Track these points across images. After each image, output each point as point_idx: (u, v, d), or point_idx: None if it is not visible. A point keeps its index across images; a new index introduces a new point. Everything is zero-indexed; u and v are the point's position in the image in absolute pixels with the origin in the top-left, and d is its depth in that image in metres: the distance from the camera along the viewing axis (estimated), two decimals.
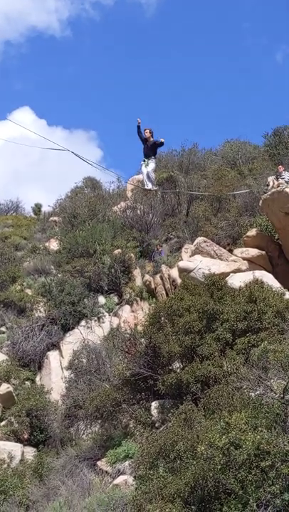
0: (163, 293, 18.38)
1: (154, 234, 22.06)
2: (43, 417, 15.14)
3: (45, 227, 28.11)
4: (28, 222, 31.03)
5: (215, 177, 24.23)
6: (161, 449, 9.39)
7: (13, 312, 19.71)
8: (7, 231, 28.86)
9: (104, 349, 16.04)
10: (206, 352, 11.49)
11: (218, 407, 9.71)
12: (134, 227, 21.87)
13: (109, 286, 19.44)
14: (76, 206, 24.37)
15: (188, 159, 27.74)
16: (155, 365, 12.49)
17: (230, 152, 28.06)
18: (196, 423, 9.85)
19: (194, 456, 8.54)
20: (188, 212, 22.86)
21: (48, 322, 18.25)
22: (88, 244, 20.42)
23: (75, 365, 16.31)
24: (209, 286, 13.00)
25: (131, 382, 12.87)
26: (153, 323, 12.85)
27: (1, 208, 35.25)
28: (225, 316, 11.87)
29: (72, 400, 15.14)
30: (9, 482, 12.76)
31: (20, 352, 17.57)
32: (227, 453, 7.97)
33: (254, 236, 17.57)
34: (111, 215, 23.17)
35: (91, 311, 18.48)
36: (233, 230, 19.72)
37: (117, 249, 20.12)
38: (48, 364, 17.37)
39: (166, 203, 23.63)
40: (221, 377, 10.90)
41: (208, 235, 19.22)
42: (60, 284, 19.08)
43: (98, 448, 12.95)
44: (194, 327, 11.94)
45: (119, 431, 12.84)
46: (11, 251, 24.53)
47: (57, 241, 23.69)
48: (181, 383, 11.40)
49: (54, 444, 14.72)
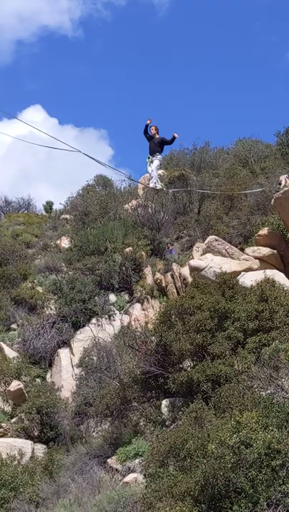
0: (174, 291, 18.35)
1: (165, 232, 22.03)
2: (53, 414, 15.14)
3: (57, 225, 28.13)
4: (40, 220, 31.04)
5: (227, 175, 24.17)
6: (171, 448, 9.38)
7: (24, 309, 19.74)
8: (18, 229, 28.88)
9: (114, 347, 16.03)
10: (217, 351, 11.48)
11: (229, 406, 9.69)
12: (146, 225, 21.84)
13: (120, 284, 19.43)
14: (87, 204, 24.37)
15: (200, 158, 27.70)
16: (166, 364, 12.48)
17: (242, 151, 27.99)
18: (206, 422, 9.83)
19: (205, 454, 8.53)
20: (200, 211, 22.82)
21: (59, 320, 18.26)
22: (99, 242, 20.41)
23: (85, 363, 16.31)
24: (220, 284, 12.97)
25: (141, 381, 12.88)
26: (164, 322, 12.84)
27: (12, 205, 35.27)
28: (236, 314, 11.85)
29: (83, 398, 15.14)
30: (19, 479, 12.80)
31: (31, 349, 17.60)
32: (238, 452, 7.96)
33: (266, 235, 17.51)
34: (122, 213, 23.15)
35: (102, 309, 18.47)
36: (245, 229, 19.67)
37: (128, 247, 20.10)
38: (58, 361, 17.38)
39: (177, 202, 23.59)
40: (232, 376, 10.88)
41: (219, 233, 19.18)
42: (71, 282, 19.07)
43: (108, 446, 12.95)
44: (205, 325, 11.93)
45: (129, 429, 12.83)
46: (23, 248, 24.56)
47: (68, 239, 23.69)
48: (192, 382, 11.39)
49: (64, 442, 14.73)
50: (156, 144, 20.69)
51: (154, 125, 22.07)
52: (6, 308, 19.87)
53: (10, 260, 22.92)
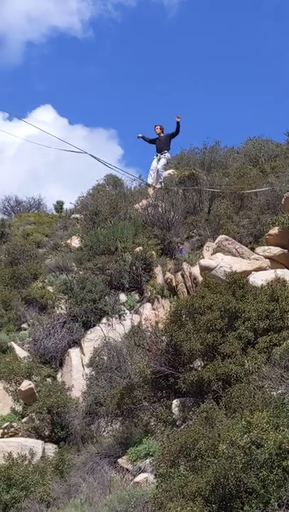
0: (184, 291, 18.33)
1: (175, 232, 22.00)
2: (64, 414, 15.15)
3: (67, 224, 28.16)
4: (50, 220, 31.10)
5: (237, 175, 24.12)
6: (182, 448, 9.39)
7: (35, 309, 19.79)
8: (29, 228, 28.96)
9: (125, 346, 16.02)
10: (228, 350, 11.47)
11: (240, 406, 9.69)
12: (156, 224, 21.82)
13: (130, 283, 19.42)
14: (98, 204, 24.36)
15: (210, 157, 27.61)
16: (176, 363, 12.48)
17: (252, 150, 27.87)
18: (217, 422, 9.83)
19: (215, 454, 8.53)
20: (210, 210, 22.77)
21: (69, 319, 18.28)
22: (110, 242, 20.42)
23: (96, 363, 16.31)
24: (231, 284, 12.96)
25: (152, 380, 12.88)
26: (174, 321, 12.84)
27: (23, 205, 35.37)
28: (247, 314, 11.84)
29: (93, 397, 15.14)
30: (30, 479, 12.82)
31: (42, 349, 17.62)
32: (248, 452, 7.97)
33: (276, 234, 17.45)
34: (132, 212, 23.14)
35: (112, 309, 18.48)
36: (255, 228, 19.61)
37: (139, 246, 20.10)
38: (69, 361, 17.40)
39: (187, 201, 23.56)
40: (243, 376, 10.87)
41: (229, 233, 19.14)
42: (81, 282, 19.08)
43: (119, 445, 12.96)
44: (216, 325, 11.92)
45: (139, 429, 12.84)
46: (33, 248, 24.63)
47: (78, 238, 23.71)
48: (203, 381, 11.38)
49: (75, 441, 14.74)
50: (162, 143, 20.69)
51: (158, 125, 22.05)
52: (17, 307, 19.93)
53: (21, 260, 22.99)
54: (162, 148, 21.74)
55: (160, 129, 21.88)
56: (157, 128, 21.96)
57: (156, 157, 21.49)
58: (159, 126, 22.40)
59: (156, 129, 21.89)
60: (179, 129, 21.46)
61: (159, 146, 22.10)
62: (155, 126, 22.36)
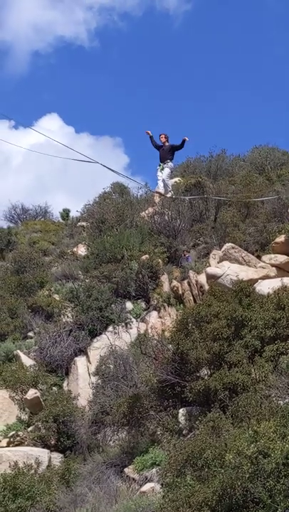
0: (190, 299, 18.30)
1: (181, 240, 21.99)
2: (70, 422, 15.10)
3: (73, 232, 28.15)
4: (56, 228, 31.12)
5: (243, 183, 24.12)
6: (188, 457, 9.34)
7: (41, 317, 19.76)
8: (35, 236, 28.98)
9: (131, 355, 16.00)
10: (234, 359, 11.43)
11: (247, 415, 9.64)
12: (162, 232, 21.81)
13: (136, 291, 19.40)
14: (104, 212, 24.37)
15: (216, 165, 27.64)
16: (183, 372, 12.44)
17: (258, 158, 27.93)
18: (224, 431, 9.79)
19: (222, 464, 8.48)
20: (216, 218, 22.75)
21: (76, 327, 18.25)
22: (116, 250, 20.40)
23: (102, 371, 16.27)
24: (237, 292, 12.93)
25: (158, 389, 12.84)
26: (181, 330, 12.81)
27: (29, 213, 35.41)
28: (253, 323, 11.81)
29: (100, 406, 15.10)
30: (36, 488, 12.76)
31: (48, 357, 17.59)
32: (255, 462, 7.92)
33: (282, 242, 17.44)
34: (139, 220, 23.13)
35: (118, 317, 18.45)
36: (262, 236, 19.59)
37: (145, 254, 20.08)
38: (75, 370, 17.36)
39: (194, 209, 23.54)
40: (249, 385, 10.83)
41: (236, 241, 19.12)
42: (87, 290, 19.06)
43: (125, 455, 12.91)
44: (222, 334, 11.88)
45: (146, 438, 12.79)
46: (39, 256, 24.62)
47: (85, 246, 23.72)
48: (209, 390, 11.34)
49: (81, 451, 14.69)
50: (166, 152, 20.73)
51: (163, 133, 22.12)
52: (23, 316, 19.90)
53: (27, 268, 22.98)
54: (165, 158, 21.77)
55: (165, 138, 21.89)
56: (162, 137, 21.97)
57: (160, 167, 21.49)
58: (164, 135, 22.42)
59: (161, 138, 21.90)
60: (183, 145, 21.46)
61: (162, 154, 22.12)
62: (160, 135, 22.36)
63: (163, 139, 21.90)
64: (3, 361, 18.25)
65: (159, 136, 23.39)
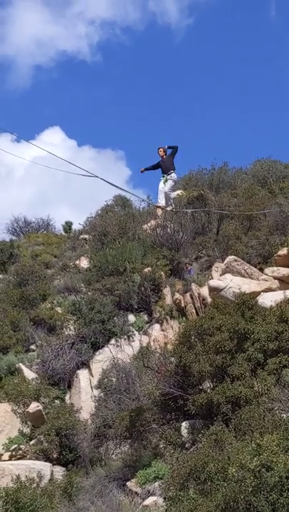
0: (193, 312, 18.29)
1: (184, 252, 21.99)
2: (72, 436, 15.05)
3: (76, 245, 28.16)
4: (59, 240, 31.12)
5: (245, 196, 24.15)
6: (191, 470, 9.31)
7: (43, 330, 19.73)
8: (38, 249, 28.99)
9: (134, 368, 15.97)
10: (237, 372, 11.41)
11: (250, 429, 9.61)
12: (164, 245, 21.81)
13: (139, 304, 19.39)
14: (106, 224, 24.40)
15: (218, 178, 27.70)
16: (185, 385, 12.41)
17: (260, 171, 27.96)
18: (226, 444, 9.75)
19: (225, 477, 8.45)
20: (219, 231, 22.78)
21: (78, 340, 18.23)
22: (118, 263, 20.41)
23: (104, 384, 16.24)
24: (240, 305, 12.91)
25: (161, 402, 12.81)
26: (183, 342, 12.80)
27: (32, 226, 35.45)
28: (256, 335, 11.79)
29: (102, 420, 15.06)
30: (38, 502, 12.68)
31: (50, 370, 17.56)
32: (258, 475, 7.89)
33: (285, 255, 17.44)
34: (141, 233, 23.15)
35: (121, 330, 18.43)
36: (264, 249, 19.59)
37: (147, 267, 20.08)
38: (77, 383, 17.33)
39: (196, 222, 23.57)
40: (252, 398, 10.80)
41: (238, 253, 19.13)
42: (90, 303, 19.06)
43: (128, 468, 12.86)
44: (225, 346, 11.87)
45: (148, 451, 12.75)
46: (42, 269, 24.62)
47: (87, 259, 23.72)
48: (212, 403, 11.31)
49: (83, 464, 14.64)
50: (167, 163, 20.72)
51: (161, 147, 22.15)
52: (25, 329, 19.88)
53: (29, 281, 22.98)
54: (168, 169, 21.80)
55: (163, 151, 21.93)
56: (160, 150, 22.04)
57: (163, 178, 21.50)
58: (162, 149, 22.51)
59: (159, 152, 21.99)
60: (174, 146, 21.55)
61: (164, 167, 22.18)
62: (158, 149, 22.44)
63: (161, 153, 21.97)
64: (6, 374, 18.22)
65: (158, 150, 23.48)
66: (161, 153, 23.39)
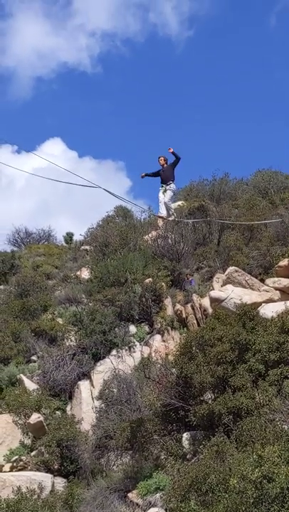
0: (194, 322, 18.29)
1: (185, 263, 22.00)
2: (73, 447, 15.02)
3: (77, 256, 28.19)
4: (60, 251, 31.15)
5: (246, 206, 24.17)
6: (192, 482, 9.29)
7: (45, 341, 19.73)
8: (39, 260, 29.01)
9: (135, 379, 15.97)
10: (238, 383, 11.39)
11: (251, 440, 9.60)
12: (166, 256, 21.83)
13: (140, 315, 19.40)
14: (107, 235, 24.44)
15: (219, 189, 27.69)
16: (186, 396, 12.40)
17: (261, 182, 27.98)
18: (228, 455, 9.74)
19: (226, 489, 8.44)
20: (220, 242, 22.79)
21: (79, 351, 18.23)
22: (119, 273, 20.43)
23: (105, 395, 16.23)
24: (241, 316, 12.91)
25: (162, 413, 12.79)
26: (184, 353, 12.79)
27: (33, 237, 35.49)
28: (257, 346, 11.78)
29: (103, 431, 15.04)
30: None
31: (51, 381, 17.55)
32: (260, 486, 7.88)
33: (286, 266, 17.44)
34: (142, 244, 23.18)
35: (122, 341, 18.44)
36: (265, 260, 19.60)
37: (148, 278, 20.10)
38: (78, 394, 17.32)
39: (197, 232, 23.59)
40: (254, 409, 10.79)
41: (239, 264, 19.13)
42: (91, 313, 19.08)
43: (129, 480, 12.84)
44: (226, 357, 11.86)
45: (150, 462, 12.72)
46: (43, 280, 24.63)
47: (88, 270, 23.74)
48: (213, 414, 11.30)
49: (84, 475, 14.61)
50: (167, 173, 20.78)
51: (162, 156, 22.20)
52: (26, 339, 19.87)
53: (30, 292, 22.99)
54: (167, 179, 21.85)
55: (164, 160, 21.99)
56: (161, 159, 22.10)
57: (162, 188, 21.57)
58: (163, 158, 22.55)
59: (160, 161, 22.04)
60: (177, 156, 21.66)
61: (163, 176, 22.24)
62: (159, 158, 22.50)
63: (162, 162, 22.03)
64: (7, 385, 18.21)
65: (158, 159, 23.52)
66: (161, 161, 23.43)
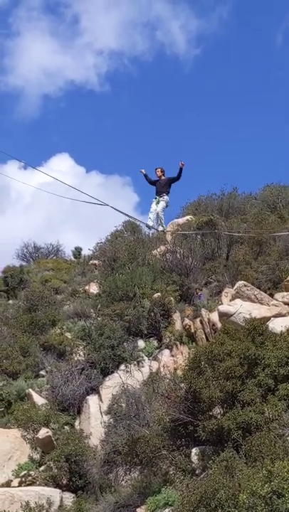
0: (203, 337, 18.25)
1: (193, 278, 21.99)
2: (82, 462, 14.98)
3: (85, 270, 28.22)
4: (68, 266, 31.21)
5: (255, 221, 24.17)
6: (202, 497, 9.24)
7: (53, 356, 19.73)
8: (47, 274, 29.07)
9: (143, 394, 15.92)
10: (248, 398, 11.35)
11: (260, 455, 9.55)
12: (174, 270, 21.84)
13: (148, 330, 19.38)
14: (116, 250, 24.47)
15: (228, 203, 27.73)
16: (195, 411, 12.34)
17: (270, 196, 28.01)
18: (237, 471, 9.69)
19: (236, 504, 8.39)
20: (228, 256, 22.79)
21: (88, 366, 18.21)
22: (128, 288, 20.42)
23: (114, 410, 16.20)
24: (250, 330, 12.87)
25: (171, 428, 12.73)
26: (193, 368, 12.74)
27: (41, 251, 35.57)
28: (266, 361, 11.74)
29: (112, 446, 15.00)
30: None
31: (60, 396, 17.52)
32: (270, 502, 7.83)
33: None
34: (151, 258, 23.19)
35: (130, 355, 18.41)
36: (274, 274, 19.59)
37: (157, 292, 20.09)
38: (87, 408, 17.28)
39: (205, 247, 23.60)
40: (263, 424, 10.73)
41: (248, 278, 19.12)
42: (99, 328, 19.07)
43: (138, 495, 12.78)
44: (235, 372, 11.82)
45: (158, 478, 12.66)
46: (51, 294, 24.66)
47: (97, 284, 23.76)
48: (222, 430, 11.24)
49: (93, 490, 14.55)
50: (162, 185, 20.76)
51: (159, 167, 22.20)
52: (35, 354, 19.88)
53: (39, 306, 23.03)
54: (162, 191, 21.78)
55: (161, 171, 21.99)
56: (158, 171, 22.03)
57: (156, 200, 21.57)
58: (160, 169, 22.49)
59: (156, 172, 21.97)
60: (180, 175, 21.62)
61: (158, 188, 22.20)
62: (156, 169, 22.46)
63: (159, 173, 21.97)
64: (15, 400, 18.20)
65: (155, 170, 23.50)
66: (158, 173, 23.40)
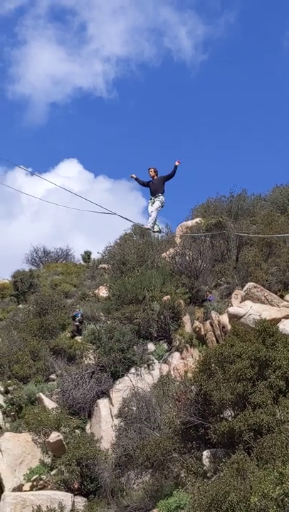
0: (213, 339, 18.18)
1: (203, 280, 21.94)
2: (93, 466, 14.95)
3: (95, 274, 28.27)
4: (78, 270, 31.29)
5: (264, 222, 24.10)
6: (213, 500, 9.19)
7: (63, 360, 19.74)
8: (57, 278, 29.14)
9: (154, 397, 15.88)
10: (259, 400, 11.30)
11: (272, 457, 9.50)
12: (184, 273, 21.79)
13: (158, 332, 19.33)
14: (125, 253, 24.45)
15: (237, 205, 27.68)
16: (206, 413, 12.32)
17: (279, 197, 27.93)
18: (248, 473, 9.64)
19: (247, 507, 8.34)
20: (238, 258, 22.72)
21: (98, 369, 18.19)
22: (137, 291, 20.40)
23: (124, 413, 16.16)
24: (260, 332, 12.83)
25: (181, 431, 12.70)
26: (203, 370, 12.71)
27: (51, 256, 35.65)
28: (277, 362, 11.69)
29: (123, 449, 14.97)
30: None
31: (70, 400, 17.51)
32: (281, 504, 7.78)
33: None
34: (160, 261, 23.16)
35: (140, 359, 18.37)
36: (284, 276, 19.52)
37: (167, 295, 20.05)
38: (97, 412, 17.25)
39: (215, 249, 23.54)
40: (274, 426, 10.69)
41: (258, 280, 19.05)
42: (109, 331, 19.05)
43: (149, 498, 12.75)
44: (246, 374, 11.78)
45: (170, 481, 12.63)
46: (61, 298, 24.70)
47: (106, 288, 23.75)
48: (234, 432, 11.20)
49: (105, 494, 14.52)
50: (156, 185, 20.76)
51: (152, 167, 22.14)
52: (45, 358, 19.90)
53: (49, 310, 23.05)
54: (156, 191, 21.75)
55: (154, 171, 21.97)
56: (151, 171, 21.98)
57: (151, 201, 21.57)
58: (152, 169, 22.43)
59: (150, 172, 21.93)
60: (175, 173, 21.66)
61: (153, 188, 22.18)
62: (149, 169, 22.44)
63: (152, 173, 21.93)
64: (26, 404, 18.21)
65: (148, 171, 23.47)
66: (151, 173, 23.33)
